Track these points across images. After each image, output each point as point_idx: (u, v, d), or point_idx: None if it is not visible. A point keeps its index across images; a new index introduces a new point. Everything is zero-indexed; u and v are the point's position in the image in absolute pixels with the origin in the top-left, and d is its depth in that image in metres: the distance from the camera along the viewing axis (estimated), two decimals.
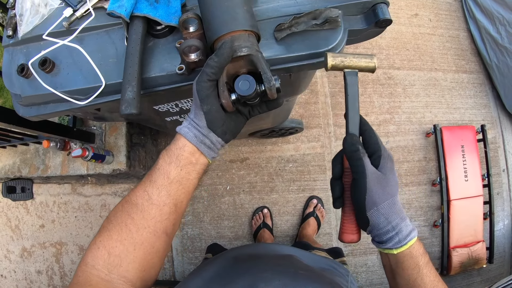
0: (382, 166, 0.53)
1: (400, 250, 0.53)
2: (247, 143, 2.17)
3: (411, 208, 2.15)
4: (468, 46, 2.47)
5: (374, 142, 0.55)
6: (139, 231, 0.52)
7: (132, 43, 0.63)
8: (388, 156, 0.54)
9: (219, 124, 0.55)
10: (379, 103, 2.28)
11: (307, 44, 0.65)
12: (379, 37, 2.34)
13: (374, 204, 0.52)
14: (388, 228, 0.52)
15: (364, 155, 0.53)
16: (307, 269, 0.64)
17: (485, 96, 2.39)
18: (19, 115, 0.81)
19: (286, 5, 0.67)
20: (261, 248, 0.86)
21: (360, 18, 0.70)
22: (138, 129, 2.05)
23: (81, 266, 0.50)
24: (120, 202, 0.55)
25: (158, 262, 0.56)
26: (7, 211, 2.24)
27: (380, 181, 0.52)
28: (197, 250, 2.09)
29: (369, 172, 0.52)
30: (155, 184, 0.54)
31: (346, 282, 0.83)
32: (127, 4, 0.61)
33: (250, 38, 0.55)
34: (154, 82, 0.70)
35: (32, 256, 2.18)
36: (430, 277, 0.53)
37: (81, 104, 0.71)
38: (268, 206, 2.11)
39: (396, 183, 0.54)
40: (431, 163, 2.22)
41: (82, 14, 0.71)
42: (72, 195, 2.16)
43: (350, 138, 0.55)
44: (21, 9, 0.71)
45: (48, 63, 0.69)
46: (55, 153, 1.89)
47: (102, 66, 0.70)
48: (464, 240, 1.99)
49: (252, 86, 0.53)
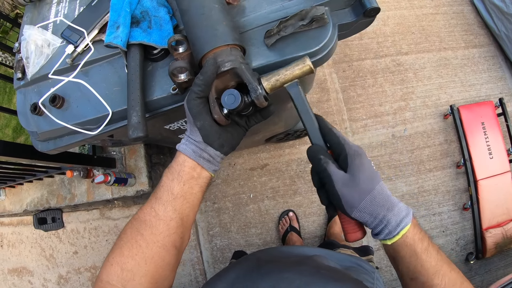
0: (349, 166, 0.52)
1: (392, 240, 0.52)
2: (265, 149, 2.18)
3: (438, 193, 2.10)
4: (474, 19, 2.41)
5: (336, 143, 0.54)
6: (149, 246, 0.54)
7: (131, 70, 0.66)
8: (355, 153, 0.52)
9: (215, 138, 0.57)
10: (391, 91, 2.25)
11: (299, 46, 0.65)
12: (383, 24, 2.36)
13: (353, 207, 0.51)
14: (376, 223, 0.52)
15: (327, 163, 0.52)
16: (329, 268, 0.64)
17: (499, 69, 2.32)
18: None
19: (273, 11, 0.68)
20: (284, 250, 0.87)
21: (348, 11, 0.71)
22: (156, 149, 2.10)
23: (97, 283, 0.53)
24: (130, 221, 0.58)
25: (169, 274, 0.58)
26: (40, 242, 2.33)
27: (350, 184, 0.51)
28: (228, 260, 2.08)
29: (336, 179, 0.51)
30: (161, 201, 0.56)
31: (372, 279, 0.82)
32: (122, 34, 0.64)
33: (232, 51, 0.57)
34: (157, 104, 0.72)
35: (69, 282, 2.26)
36: (431, 262, 0.51)
37: (93, 134, 0.75)
38: (293, 209, 2.10)
39: (370, 178, 0.51)
40: (453, 145, 2.16)
41: (83, 49, 0.75)
42: (101, 220, 2.22)
43: (310, 151, 0.55)
44: (27, 52, 0.76)
45: (58, 99, 0.73)
46: (80, 182, 1.96)
47: (108, 95, 0.74)
48: (497, 220, 1.92)
49: (238, 99, 0.54)
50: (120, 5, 0.67)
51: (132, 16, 0.68)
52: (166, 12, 0.69)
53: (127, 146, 1.94)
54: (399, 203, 0.53)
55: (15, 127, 2.34)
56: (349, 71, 2.28)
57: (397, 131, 2.18)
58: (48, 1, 0.89)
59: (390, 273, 1.96)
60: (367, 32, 2.35)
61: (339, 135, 0.55)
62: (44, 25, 0.83)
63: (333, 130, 0.56)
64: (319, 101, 2.23)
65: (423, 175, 2.12)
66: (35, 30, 0.79)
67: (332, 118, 2.21)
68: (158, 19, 0.67)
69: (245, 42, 0.67)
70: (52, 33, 0.81)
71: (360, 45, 2.33)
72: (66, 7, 0.85)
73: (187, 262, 2.11)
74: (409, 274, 0.53)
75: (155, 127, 0.96)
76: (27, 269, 2.35)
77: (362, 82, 2.27)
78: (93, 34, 0.75)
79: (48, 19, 0.84)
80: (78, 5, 0.83)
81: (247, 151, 2.18)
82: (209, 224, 2.13)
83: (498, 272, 2.00)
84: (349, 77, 2.27)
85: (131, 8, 0.68)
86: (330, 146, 0.56)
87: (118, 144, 1.11)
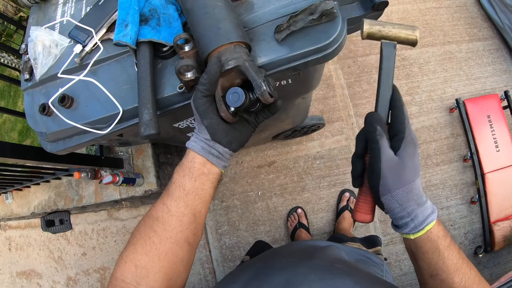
0: (402, 150, 0.50)
1: (416, 235, 0.51)
2: (272, 146, 2.18)
3: (446, 187, 2.09)
4: (477, 12, 2.39)
5: (399, 122, 0.52)
6: (162, 242, 0.54)
7: (141, 68, 0.66)
8: (412, 140, 0.51)
9: (223, 135, 0.57)
10: (397, 86, 2.23)
11: (309, 40, 0.65)
12: (387, 19, 2.33)
13: (388, 191, 0.50)
14: (403, 214, 0.51)
15: (382, 138, 0.50)
16: (343, 262, 0.64)
17: (503, 61, 2.31)
18: (47, 151, 0.86)
19: (282, 6, 0.68)
20: (295, 246, 0.87)
21: (356, 5, 0.70)
22: (164, 148, 2.10)
23: (111, 282, 0.53)
24: (143, 218, 0.58)
25: (183, 270, 0.58)
26: (48, 244, 2.34)
27: (396, 168, 0.50)
28: (237, 258, 2.10)
29: (385, 157, 0.50)
30: (173, 197, 0.57)
31: (381, 272, 0.82)
32: (131, 32, 0.64)
33: (236, 49, 0.56)
34: (168, 101, 0.72)
35: (78, 283, 2.27)
36: (453, 259, 0.51)
37: (103, 133, 0.75)
38: (302, 206, 2.10)
39: (415, 170, 0.51)
40: (460, 139, 2.16)
41: (91, 48, 0.75)
42: (109, 221, 2.23)
43: (370, 116, 0.53)
44: (34, 53, 0.76)
45: (67, 99, 0.73)
46: (87, 183, 1.96)
47: (118, 93, 0.73)
48: (505, 213, 1.91)
49: (242, 97, 0.54)
50: (128, 3, 0.67)
51: (141, 14, 0.67)
52: (175, 9, 0.68)
53: (134, 146, 1.94)
54: (428, 201, 0.52)
55: (21, 131, 2.35)
56: (354, 67, 2.28)
57: None
58: (54, 1, 0.88)
59: (399, 268, 1.95)
60: None
61: (406, 115, 0.53)
62: (51, 25, 0.83)
63: (404, 108, 0.54)
64: (325, 97, 2.23)
65: (430, 169, 2.12)
66: (42, 31, 0.78)
67: (339, 114, 2.20)
68: (167, 16, 0.67)
69: (255, 37, 0.67)
70: (59, 33, 0.81)
71: (364, 40, 2.31)
72: (73, 7, 0.84)
73: (196, 261, 2.11)
74: (430, 271, 0.53)
75: (163, 125, 0.96)
76: (36, 271, 2.36)
77: (367, 77, 2.26)
78: (101, 33, 0.75)
79: (55, 19, 0.84)
80: (85, 5, 0.83)
81: (254, 149, 2.18)
82: (218, 222, 2.13)
83: (507, 265, 2.00)
84: (354, 73, 2.26)
85: (140, 6, 0.67)
86: (391, 121, 0.54)
87: (125, 144, 1.11)
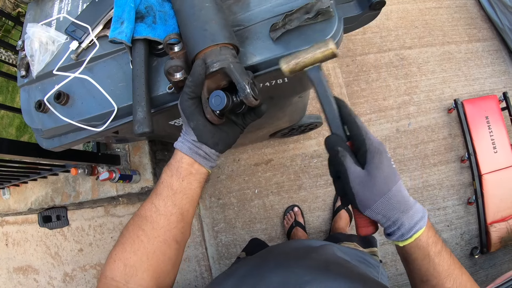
0: (368, 163, 0.50)
1: (405, 243, 0.51)
2: (269, 144, 2.18)
3: (443, 188, 2.09)
4: (477, 13, 2.39)
5: (357, 134, 0.51)
6: (150, 241, 0.55)
7: (136, 65, 0.65)
8: (375, 150, 0.50)
9: (209, 136, 0.58)
10: (395, 85, 2.24)
11: (304, 39, 0.65)
12: (386, 19, 2.35)
13: (367, 206, 0.50)
14: (389, 224, 0.50)
15: (345, 158, 0.50)
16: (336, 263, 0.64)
17: (502, 63, 2.31)
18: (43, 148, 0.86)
19: (278, 4, 0.68)
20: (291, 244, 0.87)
21: (353, 4, 0.70)
22: (161, 145, 2.11)
23: (101, 280, 0.54)
24: (131, 218, 0.59)
25: (171, 269, 0.58)
26: (45, 240, 2.34)
27: (366, 183, 0.49)
28: (233, 256, 2.10)
29: (352, 176, 0.50)
30: (161, 196, 0.57)
31: (377, 274, 0.83)
32: (127, 29, 0.64)
33: (222, 51, 0.56)
34: (163, 99, 0.72)
35: (74, 280, 2.27)
36: (444, 266, 0.50)
37: (98, 130, 0.75)
38: (298, 204, 2.10)
39: (387, 178, 0.49)
40: (457, 139, 2.16)
41: (87, 45, 0.75)
42: (106, 217, 2.23)
43: (327, 142, 0.53)
44: (31, 50, 0.76)
45: (63, 96, 0.73)
46: (84, 179, 1.96)
47: (113, 91, 0.73)
48: (501, 214, 1.91)
49: (223, 100, 0.54)
50: (124, 1, 0.67)
51: (137, 11, 0.67)
52: (171, 7, 0.68)
53: (131, 143, 1.94)
54: (415, 204, 0.51)
55: (19, 126, 2.34)
56: (353, 66, 2.28)
57: (401, 125, 2.18)
58: None
59: (395, 268, 1.96)
60: (370, 27, 2.34)
61: (362, 126, 0.52)
62: (47, 22, 0.83)
63: (357, 120, 0.52)
64: None
65: (428, 169, 2.12)
66: (39, 28, 0.78)
67: None
68: (163, 14, 0.67)
69: (251, 36, 0.67)
70: (56, 30, 0.80)
71: (363, 39, 2.32)
72: (69, 4, 0.84)
73: (192, 258, 2.12)
74: (421, 276, 0.53)
75: (160, 123, 0.96)
76: (33, 267, 2.36)
77: (365, 76, 2.26)
78: (97, 30, 0.75)
79: (51, 16, 0.84)
80: (81, 2, 0.82)
81: (252, 147, 2.18)
82: (214, 220, 2.13)
83: (503, 266, 2.00)
84: (352, 72, 2.26)
85: (136, 3, 0.67)
86: (350, 136, 0.53)
87: (122, 141, 1.11)
